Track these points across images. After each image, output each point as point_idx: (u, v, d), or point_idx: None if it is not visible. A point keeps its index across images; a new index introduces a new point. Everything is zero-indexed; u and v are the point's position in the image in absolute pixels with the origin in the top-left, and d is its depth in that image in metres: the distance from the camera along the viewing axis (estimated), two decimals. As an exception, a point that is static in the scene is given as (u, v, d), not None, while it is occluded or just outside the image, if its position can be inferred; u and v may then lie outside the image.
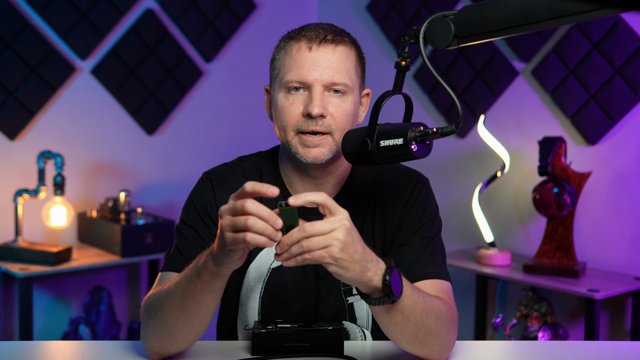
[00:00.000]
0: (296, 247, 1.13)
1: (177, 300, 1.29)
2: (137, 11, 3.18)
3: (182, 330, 1.32)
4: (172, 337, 1.33)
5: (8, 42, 2.86)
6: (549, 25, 1.12)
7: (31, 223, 2.93)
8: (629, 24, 2.61)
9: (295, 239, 1.13)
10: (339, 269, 1.16)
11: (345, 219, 1.15)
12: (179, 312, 1.29)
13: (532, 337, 2.68)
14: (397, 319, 1.25)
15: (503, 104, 3.03)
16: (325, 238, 1.13)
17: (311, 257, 1.13)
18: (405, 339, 1.30)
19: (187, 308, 1.28)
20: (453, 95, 1.18)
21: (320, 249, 1.13)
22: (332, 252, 1.13)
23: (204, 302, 1.27)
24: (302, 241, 1.12)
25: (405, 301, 1.23)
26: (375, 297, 1.20)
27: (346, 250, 1.14)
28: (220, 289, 1.28)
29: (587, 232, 2.76)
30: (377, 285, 1.19)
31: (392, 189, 1.50)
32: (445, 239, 1.54)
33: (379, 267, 1.19)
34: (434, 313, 1.29)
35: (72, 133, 3.06)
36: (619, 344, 1.84)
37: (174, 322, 1.30)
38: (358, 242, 1.16)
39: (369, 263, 1.17)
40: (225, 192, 1.50)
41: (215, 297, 1.28)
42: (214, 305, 1.30)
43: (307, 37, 1.42)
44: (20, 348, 1.51)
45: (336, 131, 1.41)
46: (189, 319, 1.30)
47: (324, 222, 1.13)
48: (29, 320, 2.65)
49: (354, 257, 1.15)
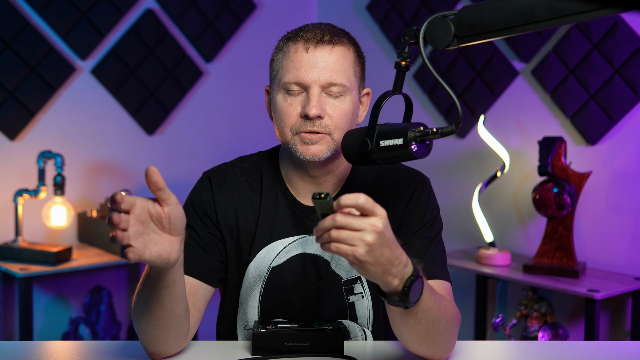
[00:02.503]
0: (326, 235, 1.13)
1: (142, 302, 1.28)
2: (137, 11, 3.18)
3: (157, 329, 1.30)
4: (154, 338, 1.32)
5: (8, 42, 2.86)
6: (549, 25, 1.12)
7: (31, 223, 2.93)
8: (629, 24, 2.61)
9: (326, 225, 1.12)
10: (361, 270, 1.15)
11: (378, 221, 1.12)
12: (149, 316, 1.28)
13: (532, 337, 2.68)
14: (410, 320, 1.25)
15: (503, 104, 3.03)
16: (354, 235, 1.11)
17: (337, 250, 1.12)
18: (413, 339, 1.30)
19: (151, 307, 1.27)
20: (453, 95, 1.18)
21: (348, 245, 1.12)
22: (357, 252, 1.12)
23: (163, 298, 1.25)
24: (331, 230, 1.12)
25: (421, 306, 1.23)
26: (391, 299, 1.20)
27: (372, 254, 1.12)
28: (174, 283, 1.24)
29: (587, 232, 2.76)
30: (396, 289, 1.18)
31: (393, 189, 1.50)
32: (445, 239, 1.54)
33: (404, 272, 1.17)
34: (445, 318, 1.29)
35: (72, 133, 3.06)
36: (619, 344, 1.84)
37: (147, 324, 1.30)
38: (387, 245, 1.14)
39: (393, 267, 1.15)
40: (224, 191, 1.50)
41: (173, 292, 1.25)
42: (175, 300, 1.27)
43: (305, 38, 1.42)
44: (20, 348, 1.51)
45: (335, 131, 1.41)
46: (158, 317, 1.28)
47: (357, 219, 1.12)
48: (29, 320, 2.65)
49: (379, 260, 1.13)
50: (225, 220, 1.50)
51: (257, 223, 1.50)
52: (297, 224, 1.50)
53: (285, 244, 1.50)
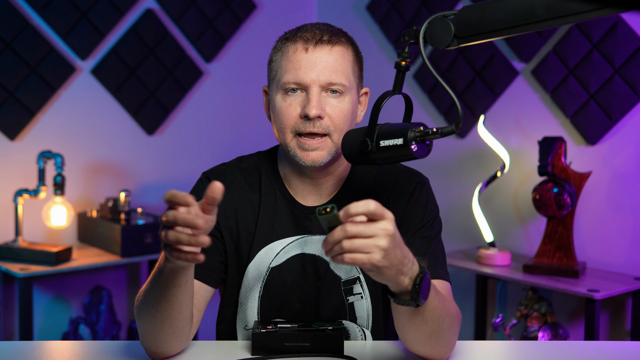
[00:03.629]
0: (338, 247, 1.11)
1: (150, 300, 1.28)
2: (137, 11, 3.18)
3: (164, 329, 1.30)
4: (157, 337, 1.32)
5: (8, 42, 2.86)
6: (549, 25, 1.12)
7: (31, 223, 2.93)
8: (629, 24, 2.61)
9: (337, 238, 1.11)
10: (377, 274, 1.15)
11: (388, 225, 1.12)
12: (156, 314, 1.28)
13: (532, 337, 2.68)
14: (417, 320, 1.25)
15: (503, 104, 3.03)
16: (368, 243, 1.10)
17: (352, 261, 1.11)
18: (418, 340, 1.30)
19: (160, 306, 1.27)
20: (453, 96, 1.18)
21: (363, 254, 1.11)
22: (374, 259, 1.11)
23: (173, 297, 1.26)
24: (343, 241, 1.10)
25: (428, 305, 1.23)
26: (402, 298, 1.20)
27: (387, 258, 1.12)
28: (186, 283, 1.26)
29: (587, 232, 2.76)
30: (406, 288, 1.18)
31: (393, 189, 1.50)
32: (445, 239, 1.54)
33: (413, 270, 1.18)
34: (449, 317, 1.30)
35: (72, 133, 3.06)
36: (619, 344, 1.84)
37: (153, 323, 1.30)
38: (398, 247, 1.14)
39: (404, 267, 1.16)
40: (224, 192, 1.50)
41: (183, 292, 1.27)
42: (186, 300, 1.29)
43: (303, 38, 1.42)
44: (20, 348, 1.51)
45: (334, 132, 1.41)
46: (167, 317, 1.29)
47: (368, 226, 1.11)
48: (29, 320, 2.65)
49: (393, 262, 1.13)
50: (225, 221, 1.50)
51: (256, 223, 1.50)
52: (296, 224, 1.50)
53: (284, 244, 1.50)
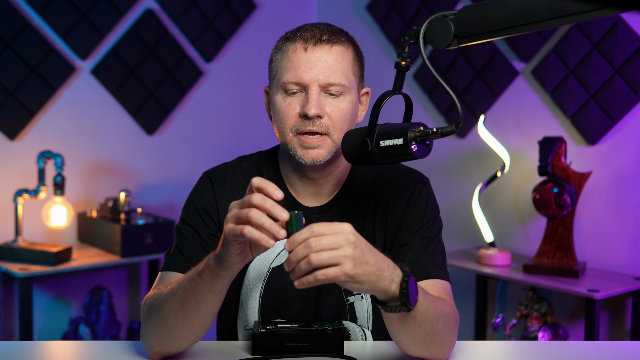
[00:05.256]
0: (304, 263, 1.11)
1: (178, 299, 1.29)
2: (137, 11, 3.18)
3: (182, 330, 1.32)
4: (171, 337, 1.33)
5: (8, 42, 2.86)
6: (549, 25, 1.12)
7: (31, 223, 2.93)
8: (629, 24, 2.61)
9: (301, 255, 1.11)
10: (355, 284, 1.14)
11: (349, 233, 1.12)
12: (180, 312, 1.29)
13: (532, 337, 2.68)
14: (410, 324, 1.25)
15: (503, 104, 3.03)
16: (335, 254, 1.11)
17: (325, 277, 1.11)
18: (413, 343, 1.30)
19: (188, 308, 1.28)
20: (453, 96, 1.18)
21: (334, 267, 1.11)
22: (346, 269, 1.11)
23: (203, 303, 1.27)
24: (310, 256, 1.10)
25: (418, 308, 1.23)
26: (392, 305, 1.20)
27: (359, 266, 1.12)
28: (221, 291, 1.28)
29: (587, 232, 2.76)
30: (394, 293, 1.18)
31: (393, 189, 1.50)
32: (445, 239, 1.54)
33: (396, 274, 1.18)
34: (442, 317, 1.29)
35: (72, 133, 3.06)
36: (619, 344, 1.84)
37: (174, 322, 1.31)
38: (369, 253, 1.14)
39: (384, 271, 1.16)
40: (226, 192, 1.50)
41: (215, 300, 1.28)
42: (214, 308, 1.30)
43: (303, 37, 1.42)
44: (20, 348, 1.51)
45: (334, 132, 1.41)
46: (189, 319, 1.30)
47: (329, 237, 1.11)
48: (29, 320, 2.65)
49: (367, 270, 1.13)
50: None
51: (257, 223, 1.50)
52: (297, 224, 1.50)
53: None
